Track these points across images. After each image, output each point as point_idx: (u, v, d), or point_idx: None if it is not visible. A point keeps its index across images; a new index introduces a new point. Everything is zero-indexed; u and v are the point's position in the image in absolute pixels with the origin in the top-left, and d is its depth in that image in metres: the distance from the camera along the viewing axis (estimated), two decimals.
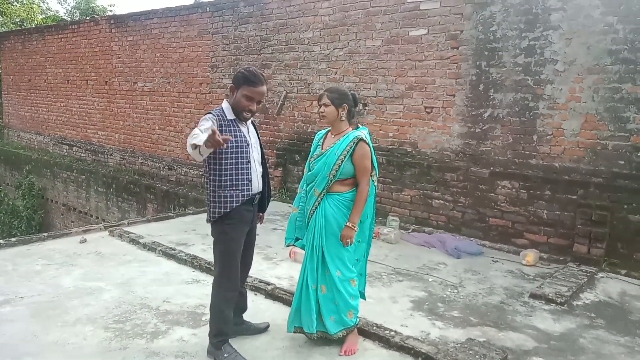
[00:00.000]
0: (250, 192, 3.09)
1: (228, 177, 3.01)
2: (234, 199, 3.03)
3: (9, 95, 15.51)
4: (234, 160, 3.02)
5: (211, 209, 3.07)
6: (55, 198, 12.82)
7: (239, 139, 3.03)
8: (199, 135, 2.64)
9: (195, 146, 2.60)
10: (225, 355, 3.07)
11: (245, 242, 3.19)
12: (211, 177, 3.04)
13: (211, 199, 3.05)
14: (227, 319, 3.16)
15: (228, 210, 3.01)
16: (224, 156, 2.99)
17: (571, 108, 5.30)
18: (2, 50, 15.53)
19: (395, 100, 6.69)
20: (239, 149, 3.03)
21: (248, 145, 3.08)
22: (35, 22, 22.10)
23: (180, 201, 9.10)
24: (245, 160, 3.06)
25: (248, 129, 3.15)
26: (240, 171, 3.04)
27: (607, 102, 5.09)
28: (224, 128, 2.99)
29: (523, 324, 3.78)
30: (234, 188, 3.02)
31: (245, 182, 3.06)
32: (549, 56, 5.40)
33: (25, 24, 21.78)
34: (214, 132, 2.53)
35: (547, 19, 5.37)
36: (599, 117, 5.15)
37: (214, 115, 3.00)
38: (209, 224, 3.14)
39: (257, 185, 3.15)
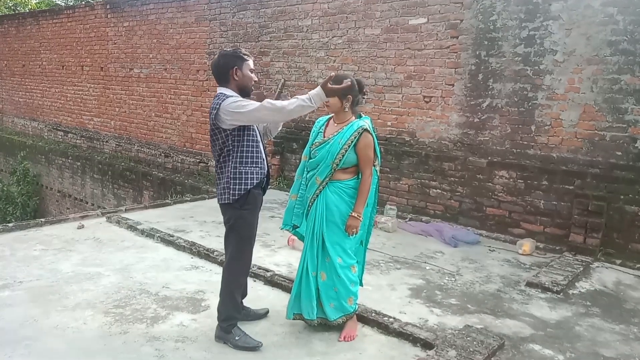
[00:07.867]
0: (264, 171, 3.14)
1: (250, 154, 3.04)
2: (254, 176, 3.06)
3: (2, 81, 15.32)
4: (252, 138, 3.07)
5: (231, 188, 3.02)
6: (50, 184, 12.76)
7: None
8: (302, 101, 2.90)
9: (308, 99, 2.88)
10: (237, 338, 3.11)
11: None
12: (232, 154, 3.02)
13: (232, 176, 3.02)
14: (237, 303, 3.21)
15: (248, 187, 3.03)
16: (246, 132, 3.03)
17: (570, 99, 5.31)
18: None
19: (394, 89, 6.68)
20: (252, 129, 3.09)
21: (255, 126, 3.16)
22: (29, 6, 21.82)
23: (176, 188, 9.08)
24: (257, 139, 3.13)
25: None
26: (256, 149, 3.09)
27: (605, 93, 5.10)
28: None
29: (520, 311, 3.82)
30: (254, 165, 3.06)
31: (261, 160, 3.11)
32: (548, 46, 5.39)
33: (19, 8, 21.51)
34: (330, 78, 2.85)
35: (548, 9, 5.36)
36: (597, 108, 5.16)
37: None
38: (226, 208, 3.11)
39: (266, 166, 3.19)
